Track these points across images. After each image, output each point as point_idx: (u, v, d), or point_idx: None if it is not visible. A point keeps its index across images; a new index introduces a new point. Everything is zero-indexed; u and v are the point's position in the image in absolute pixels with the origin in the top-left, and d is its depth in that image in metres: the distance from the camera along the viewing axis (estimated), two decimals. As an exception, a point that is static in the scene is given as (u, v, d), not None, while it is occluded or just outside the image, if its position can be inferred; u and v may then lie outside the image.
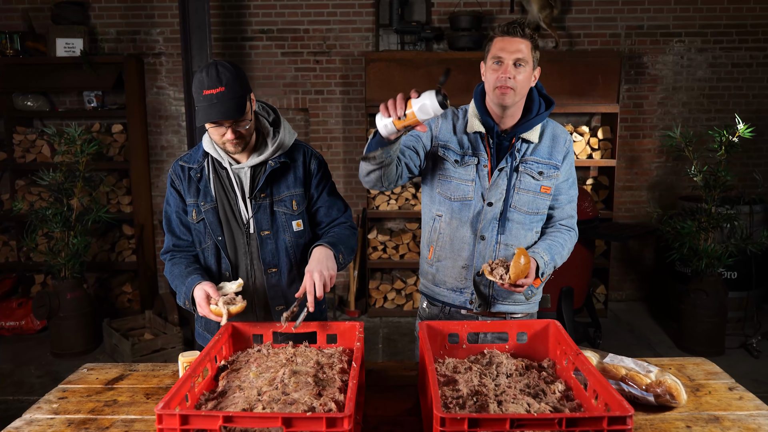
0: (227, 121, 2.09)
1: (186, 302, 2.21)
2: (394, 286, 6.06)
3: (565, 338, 1.86)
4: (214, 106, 2.06)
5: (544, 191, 2.34)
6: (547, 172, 2.33)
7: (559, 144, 2.37)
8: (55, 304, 5.02)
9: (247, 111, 2.14)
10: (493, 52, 2.22)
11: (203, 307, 2.09)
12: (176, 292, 2.27)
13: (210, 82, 2.06)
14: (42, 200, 5.73)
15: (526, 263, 2.10)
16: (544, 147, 2.35)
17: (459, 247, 2.37)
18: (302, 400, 1.60)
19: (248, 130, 2.18)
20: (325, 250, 2.16)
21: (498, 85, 2.20)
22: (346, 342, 2.05)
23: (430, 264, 2.47)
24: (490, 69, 2.23)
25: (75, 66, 5.71)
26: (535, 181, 2.32)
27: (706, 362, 2.31)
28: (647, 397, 1.89)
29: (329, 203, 2.40)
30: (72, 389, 2.13)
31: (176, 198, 2.37)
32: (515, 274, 2.09)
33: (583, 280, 5.00)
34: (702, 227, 4.93)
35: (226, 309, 2.04)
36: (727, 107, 6.16)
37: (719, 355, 5.00)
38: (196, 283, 2.16)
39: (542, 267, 2.24)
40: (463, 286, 2.39)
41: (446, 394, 1.68)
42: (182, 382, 1.60)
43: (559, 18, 5.95)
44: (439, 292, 2.47)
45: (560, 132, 2.40)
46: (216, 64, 2.10)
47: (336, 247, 2.20)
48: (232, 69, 2.10)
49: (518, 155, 2.32)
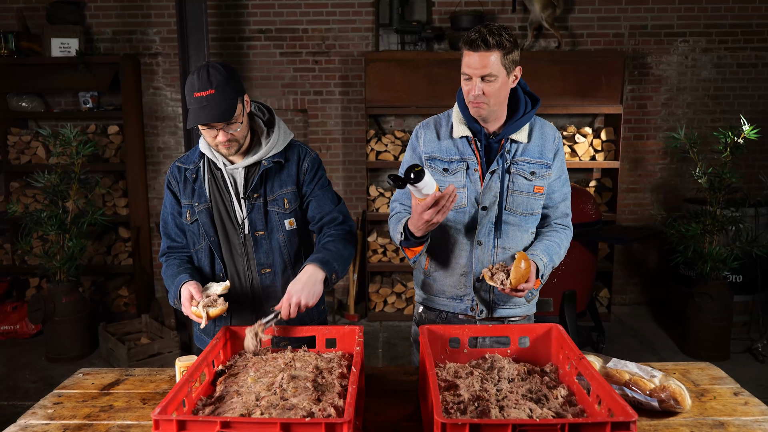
0: (218, 123, 2.10)
1: (175, 301, 2.24)
2: (394, 290, 6.06)
3: (568, 342, 1.86)
4: (204, 109, 2.07)
5: (537, 191, 2.33)
6: (539, 172, 2.33)
7: (548, 142, 2.36)
8: (50, 308, 5.02)
9: (238, 113, 2.14)
10: (462, 66, 2.19)
11: (186, 308, 2.12)
12: (169, 292, 2.30)
13: (200, 84, 2.07)
14: (37, 202, 5.73)
15: (527, 267, 2.10)
16: (534, 146, 2.34)
17: (457, 253, 2.36)
18: (301, 406, 1.60)
19: (240, 132, 2.19)
20: (315, 273, 2.15)
21: (470, 99, 2.20)
22: (345, 346, 2.05)
23: (427, 275, 2.46)
24: (462, 81, 2.23)
25: (70, 66, 5.72)
26: (528, 182, 2.32)
27: (711, 367, 2.31)
28: (651, 403, 1.89)
29: (320, 196, 2.39)
30: (67, 394, 2.13)
31: (172, 200, 2.39)
32: (516, 278, 2.09)
33: (586, 283, 5.00)
34: (707, 230, 4.94)
35: (206, 312, 2.05)
36: (732, 108, 6.17)
37: (724, 359, 4.99)
38: (183, 282, 2.19)
39: (542, 269, 2.24)
40: (463, 294, 2.39)
41: (447, 399, 1.68)
42: (179, 387, 1.60)
43: (561, 17, 5.95)
44: (438, 301, 2.45)
45: (548, 130, 2.40)
46: (208, 66, 2.11)
47: (329, 266, 2.19)
48: (224, 71, 2.11)
49: (509, 157, 2.30)
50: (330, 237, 2.33)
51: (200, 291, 2.13)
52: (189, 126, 2.11)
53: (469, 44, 2.14)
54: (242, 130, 2.20)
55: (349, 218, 2.44)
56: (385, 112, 5.95)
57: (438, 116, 2.44)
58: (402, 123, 6.26)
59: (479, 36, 2.11)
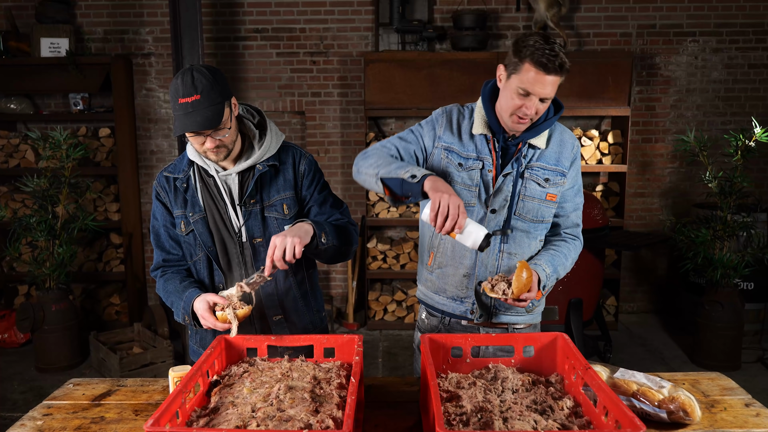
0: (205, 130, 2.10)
1: (186, 318, 2.21)
2: (394, 298, 6.06)
3: (574, 352, 1.86)
4: (189, 116, 2.06)
5: (549, 199, 2.34)
6: (553, 179, 2.33)
7: (566, 150, 2.37)
8: (40, 316, 5.02)
9: (226, 119, 2.13)
10: (521, 80, 2.12)
11: (207, 318, 2.09)
12: (173, 309, 2.27)
13: (185, 89, 2.06)
14: (26, 207, 5.75)
15: (529, 277, 2.10)
16: (551, 152, 2.34)
17: (461, 254, 2.37)
18: (298, 417, 1.61)
19: (229, 137, 2.18)
20: (302, 224, 2.15)
21: (519, 115, 2.18)
22: (344, 356, 2.06)
23: (430, 271, 2.48)
24: (513, 94, 2.16)
25: (60, 67, 5.73)
26: (541, 188, 2.32)
27: (722, 377, 2.32)
28: (660, 414, 1.90)
29: (321, 200, 2.40)
30: (57, 405, 2.13)
31: (163, 211, 2.37)
32: (518, 288, 2.09)
33: (593, 291, 5.00)
34: (717, 236, 4.94)
35: (234, 313, 2.05)
36: (744, 110, 6.18)
37: (735, 369, 5.00)
38: (196, 296, 2.17)
39: (544, 280, 2.24)
40: (464, 296, 2.40)
41: (449, 410, 1.68)
42: (173, 398, 1.60)
43: (567, 17, 5.97)
44: (438, 300, 2.47)
45: (568, 137, 2.40)
46: (192, 69, 2.09)
47: (319, 226, 2.18)
48: (209, 74, 2.09)
49: (524, 161, 2.31)
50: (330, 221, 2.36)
51: (220, 298, 2.12)
52: (175, 134, 2.10)
53: (542, 66, 2.07)
54: (231, 135, 2.19)
55: (353, 221, 2.46)
56: (385, 114, 5.96)
57: (460, 108, 2.42)
58: (403, 125, 6.27)
59: (557, 60, 2.07)
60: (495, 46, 6.07)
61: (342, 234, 2.30)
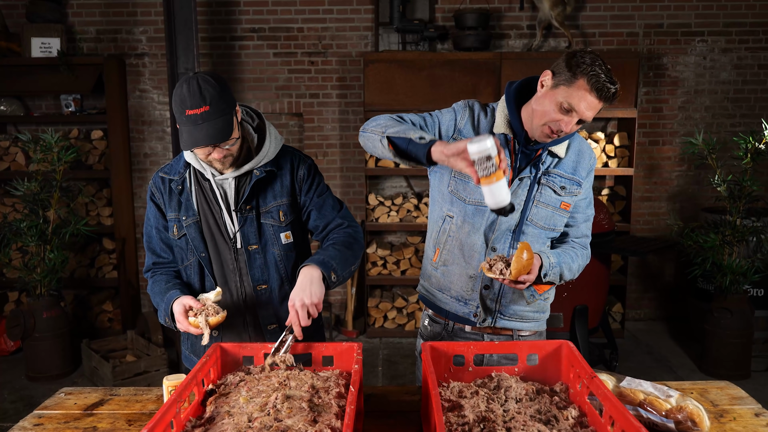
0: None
1: (166, 319, 2.22)
2: (394, 305, 6.06)
3: (579, 360, 1.86)
4: (199, 128, 2.04)
5: (563, 207, 2.35)
6: (569, 188, 2.35)
7: (584, 160, 2.38)
8: (30, 323, 5.02)
9: (235, 128, 2.14)
10: (570, 94, 2.10)
11: (182, 322, 2.11)
12: (158, 310, 2.28)
13: (192, 100, 2.04)
14: (16, 212, 5.75)
15: (529, 258, 2.10)
16: (569, 161, 2.36)
17: (468, 254, 2.38)
18: (296, 427, 1.61)
19: (236, 146, 2.19)
20: (310, 272, 2.13)
21: (553, 129, 2.17)
22: (343, 364, 2.06)
23: (434, 267, 2.48)
24: (554, 105, 2.13)
25: (51, 67, 5.74)
26: (557, 196, 2.33)
27: (731, 386, 2.32)
28: (667, 424, 1.90)
29: (320, 204, 2.39)
30: (48, 415, 2.13)
31: (156, 213, 2.38)
32: (517, 269, 2.08)
33: (599, 297, 5.00)
34: (726, 241, 4.94)
35: (205, 320, 2.05)
36: (753, 112, 6.19)
37: (745, 378, 5.00)
38: (175, 297, 2.18)
39: (546, 267, 2.22)
40: (468, 297, 2.40)
41: (451, 420, 1.68)
42: (167, 408, 1.60)
43: (572, 16, 5.99)
44: (441, 298, 2.47)
45: (586, 148, 2.42)
46: (197, 77, 2.07)
47: (326, 265, 2.16)
48: (215, 83, 2.07)
49: (542, 167, 2.32)
50: (331, 241, 2.33)
51: (197, 302, 2.13)
52: (185, 148, 2.08)
53: (596, 90, 2.06)
54: (237, 144, 2.20)
55: (354, 222, 2.44)
56: (385, 115, 5.94)
57: (481, 104, 2.40)
58: (403, 127, 6.25)
59: (612, 88, 2.07)
60: (498, 46, 6.08)
61: (348, 256, 2.27)
